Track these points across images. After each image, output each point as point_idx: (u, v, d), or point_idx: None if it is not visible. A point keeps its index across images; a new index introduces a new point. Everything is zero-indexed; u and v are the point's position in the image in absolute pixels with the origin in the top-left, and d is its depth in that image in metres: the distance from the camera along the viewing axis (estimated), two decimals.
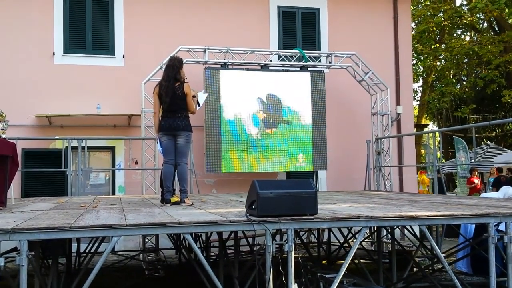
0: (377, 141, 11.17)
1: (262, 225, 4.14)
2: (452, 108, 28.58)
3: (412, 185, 12.46)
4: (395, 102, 12.25)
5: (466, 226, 7.55)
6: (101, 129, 10.60)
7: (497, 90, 22.51)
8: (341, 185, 11.47)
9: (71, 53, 10.75)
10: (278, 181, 4.87)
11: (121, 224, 4.01)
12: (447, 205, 5.52)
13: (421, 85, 27.61)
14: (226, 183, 11.17)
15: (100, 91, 10.73)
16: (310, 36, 12.12)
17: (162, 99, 6.14)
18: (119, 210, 5.33)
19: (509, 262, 4.43)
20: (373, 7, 12.56)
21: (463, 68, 25.69)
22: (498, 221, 4.35)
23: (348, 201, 6.72)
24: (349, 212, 4.65)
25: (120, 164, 10.86)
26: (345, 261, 4.28)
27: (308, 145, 11.08)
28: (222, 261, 6.39)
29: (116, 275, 8.15)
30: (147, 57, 10.76)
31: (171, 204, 6.05)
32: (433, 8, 21.03)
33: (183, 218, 4.36)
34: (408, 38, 13.00)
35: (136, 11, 11.13)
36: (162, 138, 6.28)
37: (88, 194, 10.20)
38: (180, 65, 6.26)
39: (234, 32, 11.51)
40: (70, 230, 3.87)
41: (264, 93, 10.88)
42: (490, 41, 19.55)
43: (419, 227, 4.71)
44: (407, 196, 8.08)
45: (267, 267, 4.17)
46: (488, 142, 26.57)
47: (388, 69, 12.35)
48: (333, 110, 11.58)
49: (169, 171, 6.24)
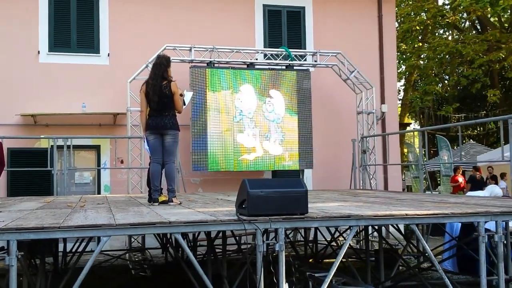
0: (362, 139, 11.24)
1: (253, 225, 4.13)
2: (434, 107, 28.89)
3: (397, 183, 12.57)
4: (380, 101, 12.34)
5: (452, 224, 7.63)
6: (86, 128, 10.50)
7: (479, 89, 22.81)
8: (327, 183, 11.52)
9: (56, 52, 10.63)
10: (268, 180, 4.87)
11: (110, 224, 3.97)
12: (435, 204, 5.57)
13: (403, 84, 27.86)
14: (212, 182, 11.14)
15: (86, 89, 10.62)
16: (296, 34, 12.15)
17: (149, 97, 6.09)
18: (107, 210, 5.27)
19: (500, 261, 4.48)
20: (358, 6, 12.63)
21: (446, 67, 25.98)
22: (488, 220, 4.40)
23: (335, 199, 6.74)
24: (339, 211, 4.67)
25: (105, 163, 10.76)
26: (336, 260, 4.29)
27: (294, 144, 11.10)
28: (210, 260, 6.37)
29: (102, 274, 8.07)
30: (132, 56, 10.67)
31: (158, 204, 6.01)
32: (417, 7, 21.24)
33: (173, 217, 4.33)
34: (393, 37, 13.11)
35: (121, 9, 11.03)
36: (149, 137, 6.22)
37: (74, 193, 10.08)
38: (168, 64, 6.21)
39: (220, 30, 11.48)
40: (60, 230, 3.81)
41: (250, 92, 10.87)
42: (474, 40, 19.80)
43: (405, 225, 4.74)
44: (393, 194, 8.14)
45: (258, 266, 4.16)
46: (471, 140, 26.93)
47: (373, 68, 12.44)
48: (319, 109, 11.62)
49: (157, 170, 6.20)
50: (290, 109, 11.13)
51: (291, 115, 11.14)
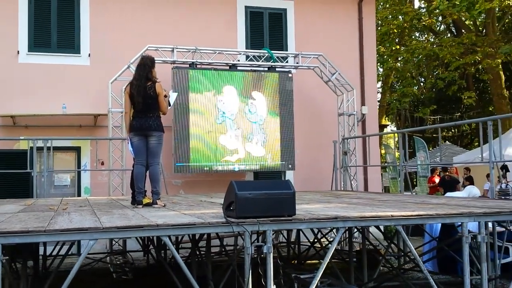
0: (343, 141, 11.34)
1: (241, 227, 4.13)
2: (410, 109, 29.31)
3: (376, 184, 12.71)
4: (360, 103, 12.47)
5: (431, 224, 7.75)
6: (66, 129, 10.35)
7: (454, 91, 23.22)
8: (308, 185, 11.57)
9: (36, 52, 10.46)
10: (256, 182, 4.88)
11: (97, 227, 3.93)
12: (417, 205, 5.65)
13: (381, 86, 28.20)
14: (193, 183, 11.10)
15: (66, 90, 10.47)
16: (278, 36, 12.19)
17: (134, 98, 6.04)
18: (91, 213, 5.21)
19: (482, 261, 4.57)
20: (339, 8, 12.74)
21: (423, 69, 26.38)
22: (471, 220, 4.48)
23: (319, 201, 6.78)
24: (326, 213, 4.70)
25: (86, 165, 10.62)
26: (324, 262, 4.32)
27: (276, 146, 11.13)
28: (195, 262, 6.35)
29: (83, 278, 7.95)
30: (114, 56, 10.56)
31: (143, 206, 5.96)
32: (395, 11, 21.51)
33: (159, 220, 4.30)
34: (373, 39, 13.26)
35: (102, 9, 10.91)
36: (133, 138, 6.17)
37: (53, 196, 9.92)
38: (152, 64, 6.17)
39: (202, 31, 11.45)
40: (45, 234, 3.76)
41: (233, 94, 10.86)
42: (450, 43, 20.14)
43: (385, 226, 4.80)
44: (374, 195, 8.23)
45: (246, 269, 4.16)
46: (447, 142, 27.39)
47: (353, 70, 12.56)
48: (300, 111, 11.68)
49: (141, 172, 6.14)
50: (272, 110, 11.16)
51: (273, 116, 11.17)
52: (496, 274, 6.39)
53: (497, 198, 6.86)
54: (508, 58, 19.59)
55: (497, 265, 6.42)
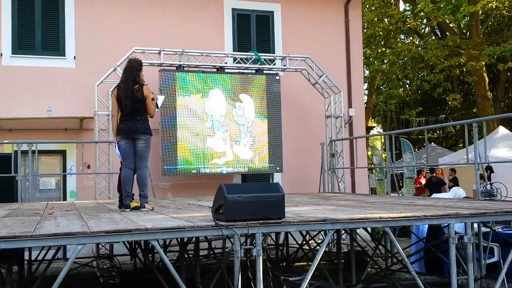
0: (331, 143, 11.38)
1: (230, 230, 4.12)
2: (396, 110, 29.56)
3: (364, 186, 12.77)
4: (348, 105, 12.52)
5: (418, 226, 7.81)
6: (51, 132, 10.22)
7: (440, 93, 23.48)
8: (296, 187, 11.59)
9: (19, 54, 10.33)
10: (245, 185, 4.88)
11: (85, 231, 3.89)
12: (405, 206, 5.69)
13: (367, 88, 28.39)
14: (181, 187, 11.05)
15: (51, 93, 10.36)
16: (265, 39, 12.21)
17: (121, 102, 6.01)
18: (78, 217, 5.16)
19: (469, 262, 4.62)
20: (326, 11, 12.79)
21: (409, 72, 26.62)
22: (458, 222, 4.53)
23: (308, 203, 6.80)
24: (315, 215, 4.71)
25: (71, 168, 10.51)
26: (313, 264, 4.33)
27: (264, 148, 11.14)
28: (183, 266, 6.32)
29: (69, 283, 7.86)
30: (99, 59, 10.48)
31: (130, 210, 5.92)
32: (381, 13, 21.69)
33: (148, 224, 4.28)
34: (359, 42, 13.33)
35: (88, 11, 10.81)
36: (120, 141, 6.13)
37: (38, 200, 9.80)
38: (140, 67, 6.15)
39: (189, 34, 11.42)
40: (32, 239, 3.71)
41: (220, 96, 10.84)
42: (435, 46, 20.35)
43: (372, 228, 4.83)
44: (363, 197, 8.27)
45: (236, 272, 4.16)
46: (432, 143, 27.67)
47: (340, 72, 12.61)
48: (288, 113, 11.70)
49: (128, 176, 6.10)
50: (260, 113, 11.17)
51: (261, 119, 11.18)
52: (482, 274, 6.47)
53: (482, 199, 6.93)
54: (491, 60, 19.85)
55: (483, 265, 6.49)
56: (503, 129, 15.80)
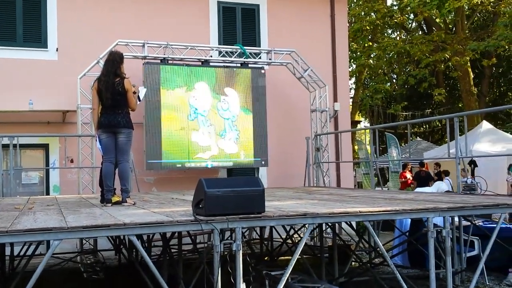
0: (316, 137, 11.39)
1: (210, 225, 4.10)
2: (383, 105, 29.72)
3: (349, 180, 12.83)
4: (333, 99, 12.54)
5: (401, 219, 7.86)
6: (34, 126, 10.09)
7: (425, 88, 23.64)
8: (282, 181, 11.60)
9: (0, 46, 10.14)
10: (225, 180, 4.85)
11: (62, 227, 3.84)
12: (386, 200, 5.72)
13: (354, 82, 28.48)
14: (166, 181, 10.99)
15: (33, 86, 10.21)
16: (250, 32, 12.15)
17: (102, 95, 5.94)
18: (58, 212, 5.10)
19: (447, 255, 4.66)
20: (312, 5, 12.77)
21: (395, 66, 26.74)
22: (437, 215, 4.56)
23: (291, 197, 6.80)
24: (296, 209, 4.71)
25: (54, 162, 10.40)
26: (293, 258, 4.33)
27: (249, 142, 11.10)
28: (166, 261, 6.29)
29: (52, 279, 7.80)
30: (82, 51, 10.35)
31: (112, 204, 5.87)
32: (367, 8, 21.72)
33: (127, 219, 4.24)
34: (345, 36, 13.33)
35: (71, 2, 10.66)
36: (101, 135, 6.07)
37: (21, 194, 9.68)
38: (121, 60, 6.08)
39: (174, 26, 11.32)
40: (8, 235, 3.66)
41: (205, 90, 10.79)
42: (421, 41, 20.45)
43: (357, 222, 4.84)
44: (346, 191, 8.30)
45: (215, 267, 4.14)
46: (418, 138, 27.86)
47: (326, 67, 12.61)
48: (273, 107, 11.68)
49: (110, 170, 6.05)
50: (245, 107, 11.13)
51: (246, 113, 11.14)
52: (462, 267, 6.53)
53: (462, 193, 6.99)
54: (476, 55, 20.00)
55: (463, 258, 6.56)
56: (487, 124, 15.97)
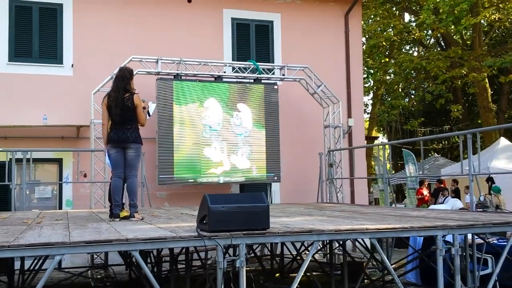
0: (329, 153, 11.30)
1: (213, 241, 4.06)
2: (401, 121, 29.45)
3: (363, 196, 12.66)
4: (347, 115, 12.46)
5: (415, 237, 7.71)
6: (48, 140, 10.20)
7: (443, 104, 23.38)
8: (294, 197, 11.51)
9: (16, 62, 10.33)
10: (229, 195, 4.81)
11: (64, 242, 3.84)
12: (396, 217, 5.60)
13: (371, 98, 28.32)
14: (178, 196, 10.99)
15: (47, 101, 10.36)
16: (264, 48, 12.19)
17: (112, 110, 5.98)
18: (64, 226, 5.11)
19: (456, 274, 4.53)
20: (326, 21, 12.77)
21: (412, 82, 26.53)
22: (445, 233, 4.44)
23: (301, 214, 6.72)
24: (301, 226, 4.64)
25: (67, 177, 10.48)
26: (297, 275, 4.25)
27: (261, 158, 11.06)
28: (173, 277, 6.24)
29: None
30: (97, 67, 10.48)
31: (120, 219, 5.87)
32: (383, 24, 21.67)
33: (131, 234, 4.22)
34: (359, 52, 13.29)
35: (86, 19, 10.84)
36: (110, 150, 6.10)
37: (34, 208, 9.76)
38: (130, 76, 6.13)
39: (187, 43, 11.42)
40: (10, 249, 3.66)
41: (218, 105, 10.81)
42: (437, 57, 20.28)
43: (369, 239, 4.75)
44: (358, 208, 8.18)
45: (218, 283, 4.08)
46: (435, 154, 27.48)
47: (339, 83, 12.56)
48: (286, 123, 11.64)
49: (118, 185, 6.06)
50: (258, 122, 11.12)
51: (259, 128, 11.12)
52: (475, 286, 6.36)
53: (475, 211, 6.83)
54: (493, 71, 19.74)
55: (476, 276, 6.38)
56: (504, 140, 15.69)
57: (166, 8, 11.48)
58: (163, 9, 11.46)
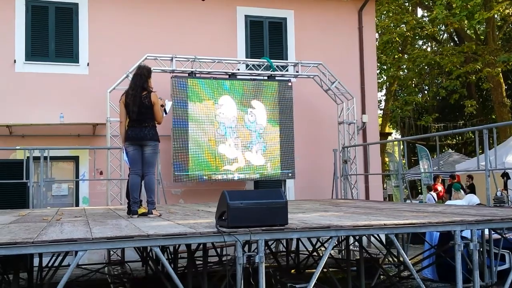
0: (343, 149, 11.29)
1: (232, 237, 4.09)
2: (415, 116, 29.25)
3: (378, 192, 12.63)
4: (361, 111, 12.43)
5: (431, 232, 7.68)
6: (64, 138, 10.34)
7: (457, 99, 23.18)
8: (309, 193, 11.52)
9: (33, 61, 10.47)
10: (248, 192, 4.84)
11: (86, 238, 3.89)
12: (413, 213, 5.60)
13: (385, 94, 28.16)
14: (193, 193, 11.06)
15: (64, 99, 10.48)
16: (277, 45, 12.20)
17: (129, 108, 6.04)
18: (84, 223, 5.18)
19: (475, 269, 4.52)
20: (339, 17, 12.75)
21: (425, 78, 26.31)
22: (463, 228, 4.43)
23: (316, 210, 6.73)
24: (319, 222, 4.66)
25: (84, 174, 10.60)
26: (316, 271, 4.27)
27: (276, 154, 11.09)
28: (190, 273, 6.30)
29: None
30: (112, 65, 10.58)
31: (138, 216, 5.93)
32: (396, 20, 21.52)
33: (151, 230, 4.27)
34: (373, 48, 13.24)
35: (101, 18, 10.94)
36: (128, 148, 6.16)
37: (51, 206, 9.89)
38: (149, 74, 6.18)
39: (201, 40, 11.47)
40: (33, 245, 3.72)
41: (232, 102, 10.85)
42: (451, 52, 20.10)
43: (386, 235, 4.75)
44: (374, 204, 8.16)
45: (238, 279, 4.12)
46: (450, 150, 27.28)
47: (353, 79, 12.53)
48: (300, 119, 11.65)
49: (136, 182, 6.12)
50: (272, 119, 11.14)
51: (273, 125, 11.15)
52: (493, 281, 6.34)
53: (492, 206, 6.79)
54: (507, 66, 19.52)
55: (493, 272, 6.36)
56: None
57: (180, 6, 11.54)
58: (177, 7, 11.52)
